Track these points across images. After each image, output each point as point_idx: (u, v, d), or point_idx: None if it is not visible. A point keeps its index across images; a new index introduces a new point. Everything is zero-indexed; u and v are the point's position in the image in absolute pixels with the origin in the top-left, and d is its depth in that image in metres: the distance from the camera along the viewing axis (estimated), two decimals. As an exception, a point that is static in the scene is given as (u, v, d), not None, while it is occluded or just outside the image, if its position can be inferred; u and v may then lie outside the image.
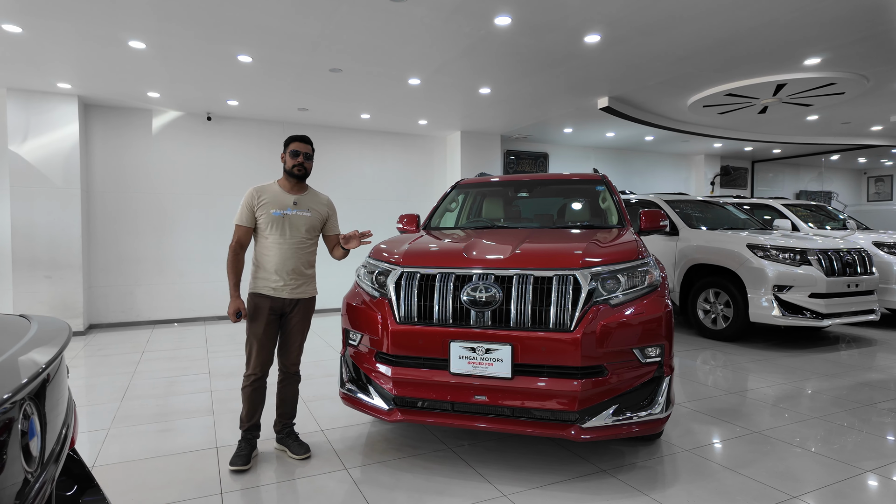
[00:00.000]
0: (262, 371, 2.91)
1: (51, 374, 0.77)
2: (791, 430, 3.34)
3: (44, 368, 0.72)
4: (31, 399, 0.70)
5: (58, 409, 0.81)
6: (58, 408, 0.82)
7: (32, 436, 0.69)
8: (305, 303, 3.01)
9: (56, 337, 0.84)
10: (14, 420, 0.65)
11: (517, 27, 4.31)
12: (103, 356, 5.49)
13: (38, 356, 0.74)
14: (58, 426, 0.80)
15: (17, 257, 6.29)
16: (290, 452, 2.94)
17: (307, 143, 3.04)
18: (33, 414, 0.70)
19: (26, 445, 0.67)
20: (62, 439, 0.80)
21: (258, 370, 2.89)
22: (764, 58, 5.21)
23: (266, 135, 7.93)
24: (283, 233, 2.90)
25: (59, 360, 0.85)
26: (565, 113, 7.44)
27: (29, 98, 6.26)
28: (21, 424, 0.66)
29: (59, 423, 0.80)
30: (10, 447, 0.63)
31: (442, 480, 2.69)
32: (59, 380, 0.86)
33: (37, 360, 0.72)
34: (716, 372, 4.74)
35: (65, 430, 0.85)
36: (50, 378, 0.76)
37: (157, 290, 7.41)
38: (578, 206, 4.34)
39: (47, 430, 0.73)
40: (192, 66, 5.27)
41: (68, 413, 0.91)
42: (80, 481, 1.15)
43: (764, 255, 5.62)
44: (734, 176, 12.17)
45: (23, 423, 0.66)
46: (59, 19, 4.14)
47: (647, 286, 2.75)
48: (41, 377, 0.72)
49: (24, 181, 6.28)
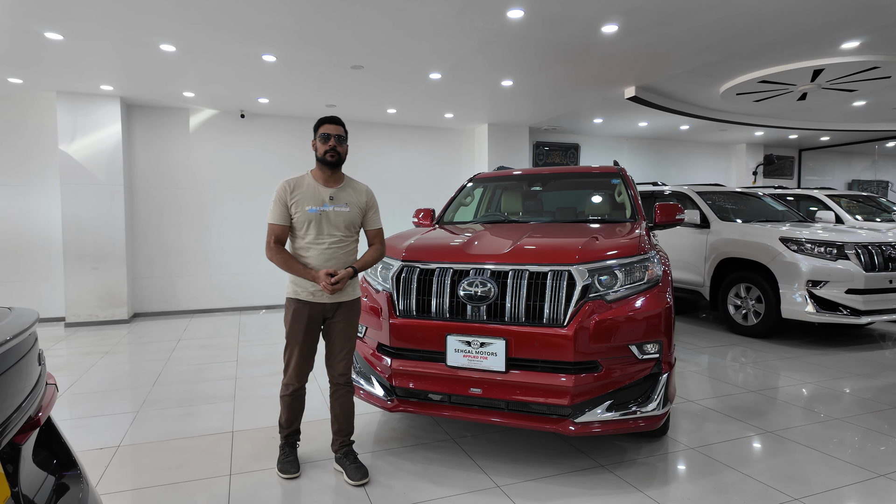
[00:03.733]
0: (300, 382, 2.69)
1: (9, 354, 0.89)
2: (807, 431, 3.24)
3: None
4: None
5: (9, 390, 0.93)
6: (10, 389, 0.93)
7: None
8: (349, 305, 2.69)
9: (13, 328, 0.96)
10: None
11: (530, 20, 4.28)
12: (143, 343, 5.82)
13: None
14: (7, 407, 0.91)
15: (67, 250, 6.73)
16: (347, 476, 2.63)
17: (338, 123, 2.68)
18: None
19: None
20: (14, 418, 0.91)
21: (296, 381, 2.67)
22: (796, 43, 4.98)
23: (296, 131, 8.15)
24: (320, 231, 2.59)
25: (12, 348, 0.97)
26: (593, 103, 7.32)
27: (76, 100, 6.65)
28: None
29: (8, 404, 0.91)
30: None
31: (439, 469, 2.77)
32: (13, 362, 0.98)
33: None
34: (740, 369, 4.61)
35: (21, 411, 0.96)
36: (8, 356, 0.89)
37: (195, 281, 7.78)
38: (592, 200, 4.30)
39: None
40: (220, 66, 5.48)
41: (31, 396, 1.03)
42: (62, 460, 1.27)
43: (798, 248, 5.40)
44: (778, 165, 11.65)
45: None
46: (95, 26, 4.39)
47: (647, 282, 2.72)
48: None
49: (73, 178, 6.69)
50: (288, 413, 2.75)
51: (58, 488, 1.19)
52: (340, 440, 2.76)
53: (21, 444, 1.03)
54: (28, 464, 1.10)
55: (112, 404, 3.82)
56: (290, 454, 2.76)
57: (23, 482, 1.04)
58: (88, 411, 3.70)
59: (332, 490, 2.57)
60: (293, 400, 2.72)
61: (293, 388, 2.69)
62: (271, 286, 7.90)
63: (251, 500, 2.47)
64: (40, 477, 1.14)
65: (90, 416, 3.61)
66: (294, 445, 2.82)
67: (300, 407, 2.78)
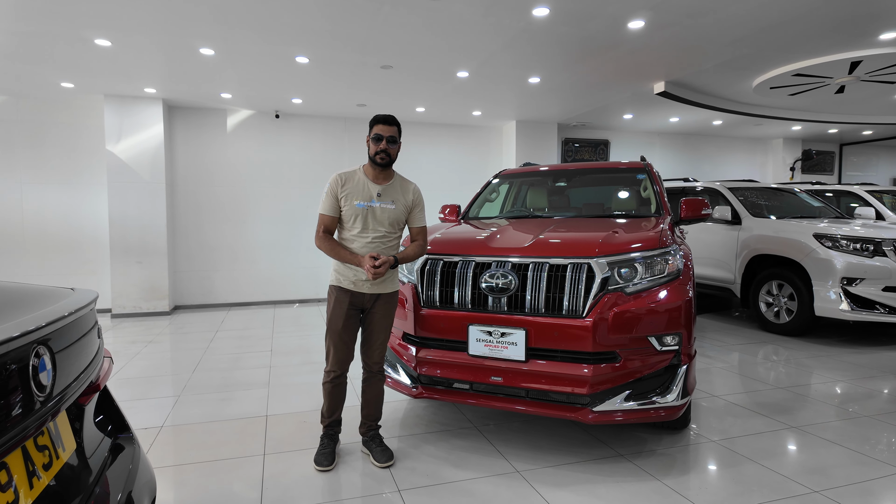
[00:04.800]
0: (342, 368, 2.78)
1: (63, 327, 1.04)
2: (834, 427, 3.21)
3: (50, 322, 0.98)
4: (41, 343, 0.95)
5: (74, 356, 1.07)
6: (76, 356, 1.08)
7: (42, 370, 0.94)
8: (387, 297, 2.78)
9: (77, 303, 1.11)
10: (27, 356, 0.90)
11: (556, 17, 4.33)
12: (183, 334, 6.11)
13: (53, 313, 1.00)
14: (74, 370, 1.06)
15: (113, 245, 7.10)
16: (373, 458, 2.76)
17: (392, 124, 2.71)
18: (45, 354, 0.95)
19: (37, 378, 0.92)
20: (79, 380, 1.06)
21: (337, 367, 2.76)
22: (830, 35, 4.86)
23: (330, 130, 8.38)
24: (366, 225, 2.68)
25: (77, 319, 1.12)
26: (622, 99, 7.28)
27: (122, 103, 7.01)
28: (33, 361, 0.91)
29: (75, 368, 1.06)
30: (21, 376, 0.87)
31: (462, 455, 2.87)
32: (79, 334, 1.13)
33: (48, 316, 0.98)
34: (768, 366, 4.56)
35: (85, 375, 1.11)
36: (64, 330, 1.04)
37: (232, 275, 8.08)
38: (617, 195, 4.32)
39: (58, 370, 0.98)
40: (255, 68, 5.70)
41: (92, 364, 1.17)
42: (117, 424, 1.43)
43: (832, 245, 5.28)
44: (817, 161, 11.29)
45: (34, 360, 0.91)
46: (139, 33, 4.64)
47: (667, 275, 2.76)
48: (49, 328, 0.98)
49: (119, 177, 7.06)
50: (329, 401, 2.82)
51: (114, 448, 1.34)
52: (368, 424, 2.89)
53: (85, 405, 1.18)
54: (90, 424, 1.25)
55: (155, 389, 4.06)
56: (328, 446, 2.81)
57: (85, 439, 1.19)
58: (134, 395, 3.94)
59: (360, 472, 2.70)
60: (334, 387, 2.80)
61: (334, 375, 2.78)
62: (305, 280, 8.14)
63: (283, 478, 2.63)
64: (99, 437, 1.29)
65: (136, 399, 3.85)
66: (334, 438, 2.86)
67: (341, 395, 2.84)
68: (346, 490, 2.51)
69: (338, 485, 2.57)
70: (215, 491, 2.52)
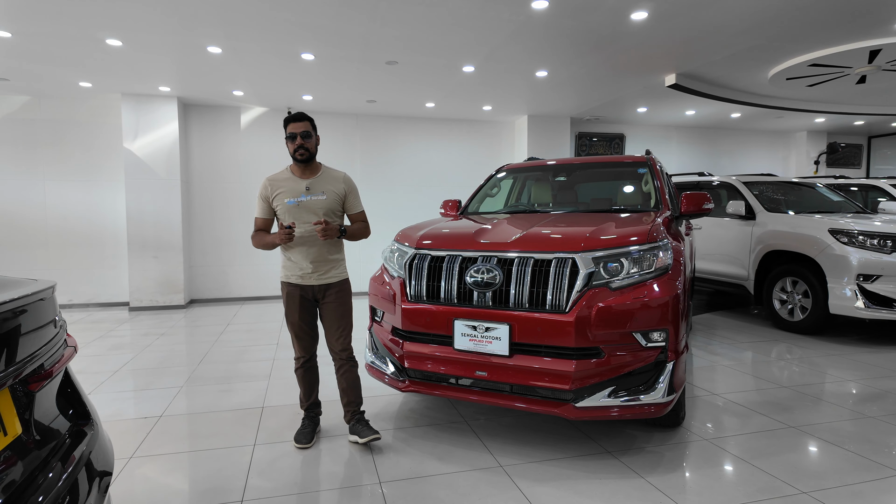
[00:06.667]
0: (308, 353, 2.96)
1: (15, 314, 1.09)
2: (835, 428, 3.12)
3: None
4: None
5: (29, 340, 1.14)
6: (31, 339, 1.15)
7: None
8: (337, 286, 2.93)
9: (20, 293, 1.16)
10: None
11: (556, 9, 4.28)
12: (195, 327, 6.26)
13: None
14: (14, 357, 1.11)
15: (130, 240, 7.31)
16: (359, 437, 2.84)
17: (302, 119, 2.85)
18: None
19: None
20: (19, 366, 1.11)
21: (303, 353, 2.96)
22: (845, 23, 4.69)
23: (340, 127, 8.44)
24: (300, 220, 2.82)
25: (20, 308, 1.17)
26: (634, 92, 7.16)
27: (138, 101, 7.18)
28: None
29: (15, 354, 1.11)
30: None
31: (448, 449, 2.88)
32: (22, 322, 1.18)
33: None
34: (777, 364, 4.45)
35: (30, 362, 1.16)
36: (16, 315, 1.10)
37: (245, 271, 8.23)
38: (617, 190, 4.26)
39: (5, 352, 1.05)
40: (263, 65, 5.78)
41: (39, 353, 1.22)
42: (78, 412, 1.47)
43: (848, 240, 5.12)
44: (843, 154, 10.93)
45: None
46: (147, 32, 4.75)
47: (654, 270, 2.72)
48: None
49: (136, 174, 7.25)
50: (304, 385, 3.00)
51: (74, 433, 1.39)
52: (352, 411, 2.98)
53: (35, 391, 1.23)
54: (46, 408, 1.30)
55: (161, 379, 4.18)
56: (308, 426, 2.98)
57: (35, 424, 1.24)
58: (140, 385, 4.06)
59: (345, 461, 2.74)
60: (305, 372, 2.98)
61: (303, 360, 2.96)
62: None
63: (269, 468, 2.68)
64: (55, 423, 1.34)
65: (141, 388, 3.97)
66: (314, 419, 3.03)
67: (313, 378, 3.02)
68: (327, 481, 2.55)
69: (320, 476, 2.61)
70: (202, 478, 2.58)
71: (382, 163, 8.68)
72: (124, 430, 3.18)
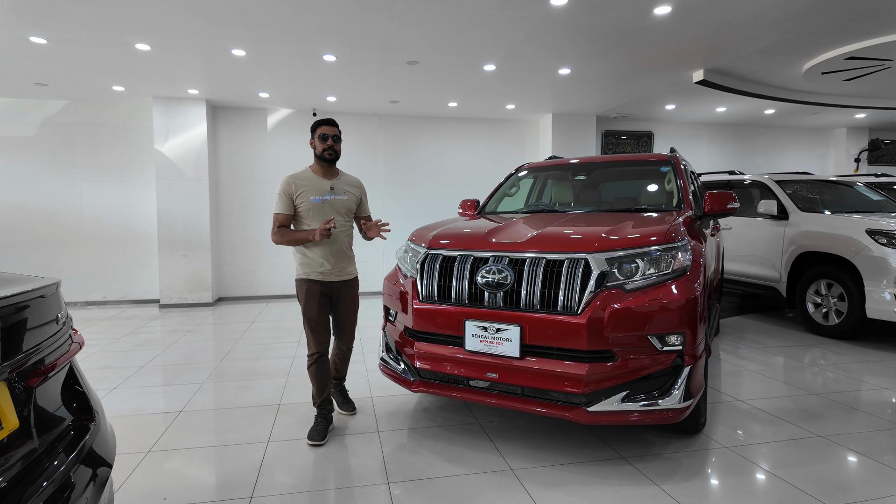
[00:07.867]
0: (322, 349, 3.04)
1: (15, 309, 1.12)
2: (866, 439, 2.98)
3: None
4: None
5: (28, 335, 1.17)
6: (30, 335, 1.18)
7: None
8: (352, 283, 3.18)
9: (35, 288, 1.20)
10: None
11: (575, 6, 4.20)
12: (221, 324, 6.39)
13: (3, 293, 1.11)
14: (22, 347, 1.15)
15: (161, 239, 7.52)
16: (337, 406, 3.32)
17: (334, 125, 3.10)
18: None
19: None
20: (30, 354, 1.15)
21: (317, 348, 3.02)
22: (881, 14, 4.47)
23: (364, 127, 8.50)
24: (323, 217, 2.99)
25: (18, 304, 1.20)
26: (661, 89, 6.99)
27: (168, 104, 7.38)
28: None
29: (27, 343, 1.15)
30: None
31: (458, 450, 2.86)
32: (31, 317, 1.22)
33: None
34: (810, 370, 4.28)
35: (26, 357, 1.19)
36: (15, 311, 1.13)
37: (272, 269, 8.37)
38: (639, 188, 4.16)
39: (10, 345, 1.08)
40: (286, 67, 5.86)
41: (38, 348, 1.25)
42: (82, 407, 1.51)
43: (887, 241, 4.88)
44: (886, 151, 10.44)
45: None
46: (173, 37, 4.87)
47: (672, 272, 2.63)
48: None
49: (166, 175, 7.45)
50: (317, 382, 3.04)
51: (78, 428, 1.42)
52: (335, 381, 3.35)
53: (34, 386, 1.26)
54: (45, 405, 1.33)
55: (184, 375, 4.27)
56: (321, 423, 3.01)
57: (34, 418, 1.27)
58: (164, 380, 4.16)
59: (356, 460, 2.75)
60: (318, 368, 3.03)
61: (317, 356, 3.02)
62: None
63: (281, 465, 2.70)
64: (56, 417, 1.37)
65: (164, 384, 4.07)
66: (327, 417, 3.06)
67: (326, 374, 3.08)
68: (336, 480, 2.56)
69: (330, 475, 2.62)
70: (216, 473, 2.63)
71: (406, 163, 8.70)
72: (145, 424, 3.26)
